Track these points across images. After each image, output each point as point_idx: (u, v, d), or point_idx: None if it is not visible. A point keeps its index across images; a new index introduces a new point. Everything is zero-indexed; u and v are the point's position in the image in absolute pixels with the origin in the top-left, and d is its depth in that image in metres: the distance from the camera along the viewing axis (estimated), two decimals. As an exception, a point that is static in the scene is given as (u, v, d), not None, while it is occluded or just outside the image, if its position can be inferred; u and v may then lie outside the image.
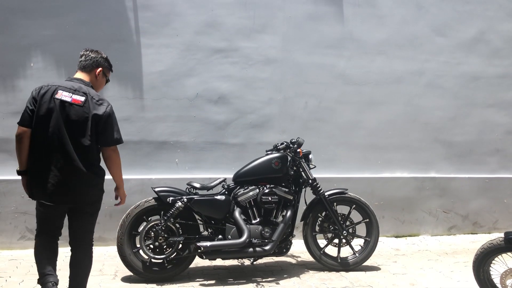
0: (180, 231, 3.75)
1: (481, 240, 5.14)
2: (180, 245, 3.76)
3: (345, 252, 4.17)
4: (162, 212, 3.74)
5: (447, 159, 5.58)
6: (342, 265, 4.07)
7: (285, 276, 3.90)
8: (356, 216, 4.16)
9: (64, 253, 4.37)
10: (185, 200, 3.70)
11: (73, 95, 2.82)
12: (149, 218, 3.77)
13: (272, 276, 3.89)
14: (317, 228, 4.12)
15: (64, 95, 2.81)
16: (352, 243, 4.10)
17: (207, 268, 4.09)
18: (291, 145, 4.06)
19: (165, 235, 3.67)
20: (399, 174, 5.44)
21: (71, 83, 2.89)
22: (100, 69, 3.01)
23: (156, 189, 3.76)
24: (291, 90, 5.14)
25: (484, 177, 5.65)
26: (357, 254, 4.13)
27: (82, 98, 2.82)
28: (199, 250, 3.65)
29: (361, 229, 4.17)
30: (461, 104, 5.59)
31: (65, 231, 3.58)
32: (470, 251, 4.75)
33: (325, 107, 5.23)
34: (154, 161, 4.83)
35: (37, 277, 3.15)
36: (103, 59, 3.04)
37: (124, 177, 4.46)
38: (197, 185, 3.85)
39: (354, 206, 4.14)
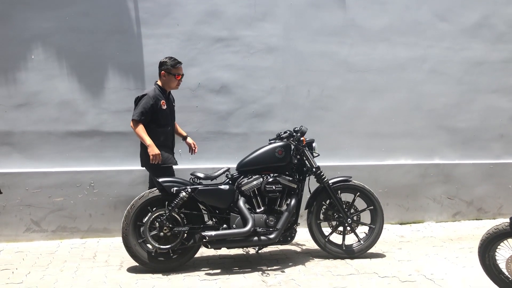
0: (185, 221, 3.75)
1: (486, 226, 5.13)
2: (185, 235, 3.76)
3: (350, 239, 4.17)
4: (166, 203, 3.73)
5: (451, 145, 5.55)
6: (347, 253, 4.08)
7: (290, 264, 3.92)
8: (360, 203, 4.16)
9: (69, 245, 4.41)
10: (189, 190, 3.70)
11: None
12: (154, 209, 3.76)
13: (277, 265, 3.90)
14: (321, 216, 4.12)
15: None
16: (356, 231, 4.10)
17: (212, 258, 4.11)
18: (294, 134, 4.05)
19: (170, 225, 3.67)
20: (403, 161, 5.43)
21: None
22: (162, 71, 3.97)
23: (160, 180, 3.75)
24: (293, 79, 5.12)
25: (489, 162, 5.63)
26: (362, 242, 4.13)
27: None
28: (204, 240, 3.65)
29: (366, 217, 4.17)
30: (465, 90, 5.55)
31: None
32: (475, 237, 4.75)
33: (328, 95, 5.20)
34: (157, 152, 4.82)
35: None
36: (164, 63, 3.98)
37: (128, 168, 4.66)
38: (201, 175, 3.84)
39: (358, 193, 4.14)
